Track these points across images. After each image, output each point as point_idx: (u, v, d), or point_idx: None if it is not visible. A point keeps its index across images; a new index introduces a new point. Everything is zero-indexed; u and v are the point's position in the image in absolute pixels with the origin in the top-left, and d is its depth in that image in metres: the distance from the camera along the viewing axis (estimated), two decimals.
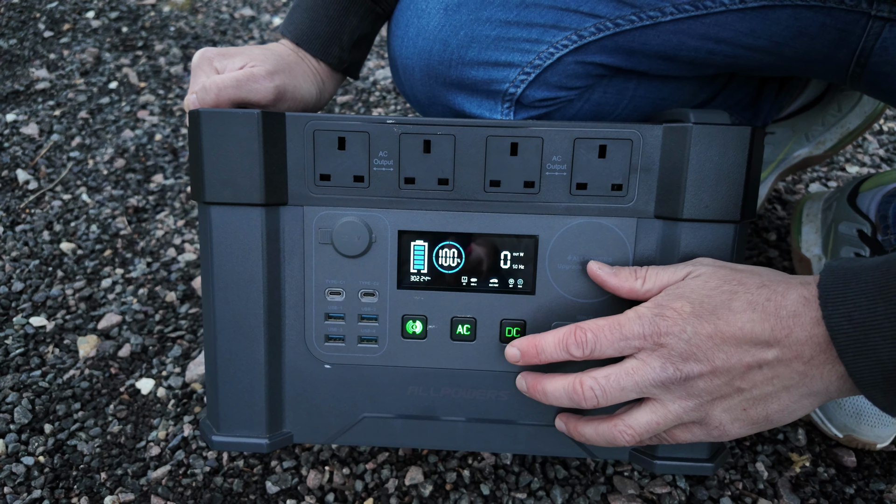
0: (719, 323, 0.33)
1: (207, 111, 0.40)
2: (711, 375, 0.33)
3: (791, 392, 0.33)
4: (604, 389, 0.36)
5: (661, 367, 0.34)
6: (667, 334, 0.34)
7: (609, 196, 0.41)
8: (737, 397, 0.34)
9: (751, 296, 0.33)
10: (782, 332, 0.32)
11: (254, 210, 0.41)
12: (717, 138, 0.39)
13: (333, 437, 0.46)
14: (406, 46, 0.49)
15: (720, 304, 0.33)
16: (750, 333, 0.32)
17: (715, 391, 0.34)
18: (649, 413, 0.36)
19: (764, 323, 0.32)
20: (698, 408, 0.35)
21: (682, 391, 0.34)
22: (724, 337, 0.33)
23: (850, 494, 0.54)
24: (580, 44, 0.48)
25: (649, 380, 0.34)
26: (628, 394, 0.35)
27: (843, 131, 0.73)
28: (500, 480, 0.55)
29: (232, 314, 0.43)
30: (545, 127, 0.40)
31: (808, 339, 0.31)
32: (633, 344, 0.35)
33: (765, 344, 0.32)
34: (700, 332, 0.33)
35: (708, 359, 0.33)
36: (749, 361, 0.32)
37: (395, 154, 0.41)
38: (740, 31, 0.47)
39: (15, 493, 0.55)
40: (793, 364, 0.32)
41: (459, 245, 0.43)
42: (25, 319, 0.72)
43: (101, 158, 0.99)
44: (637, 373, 0.35)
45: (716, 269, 0.36)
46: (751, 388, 0.33)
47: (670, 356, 0.34)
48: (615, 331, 0.35)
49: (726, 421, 0.35)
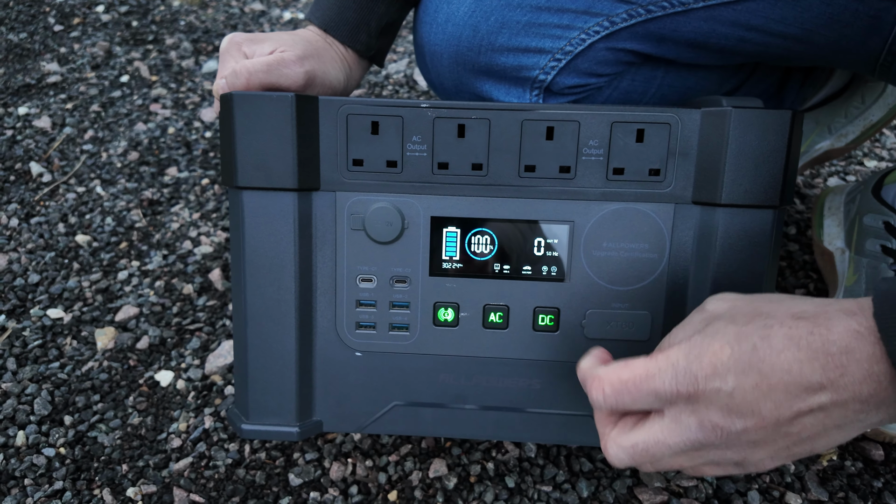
0: (763, 368, 0.28)
1: (240, 94, 0.39)
2: (756, 427, 0.29)
3: (843, 429, 0.30)
4: (632, 458, 0.32)
5: (699, 426, 0.30)
6: (704, 391, 0.29)
7: (646, 181, 0.41)
8: (783, 441, 0.30)
9: (789, 330, 0.29)
10: (835, 372, 0.28)
11: (286, 195, 0.41)
12: (757, 122, 0.38)
13: (363, 426, 0.45)
14: (434, 32, 0.49)
15: (759, 342, 0.29)
16: (798, 377, 0.28)
17: (760, 440, 0.30)
18: (683, 459, 0.32)
19: (813, 363, 0.28)
20: (738, 454, 0.31)
21: (722, 445, 0.31)
22: (770, 385, 0.28)
23: (878, 488, 0.54)
24: (612, 30, 0.48)
25: (684, 443, 0.30)
26: (660, 459, 0.31)
27: (866, 124, 0.72)
28: (524, 473, 0.55)
29: (263, 300, 0.42)
30: (582, 111, 0.40)
31: (866, 377, 0.27)
32: (664, 399, 0.31)
33: (817, 387, 0.28)
34: (743, 383, 0.29)
35: (753, 412, 0.29)
36: (800, 408, 0.28)
37: (429, 139, 0.41)
38: (771, 18, 0.47)
39: (36, 485, 0.55)
40: (849, 405, 0.28)
41: (492, 232, 0.42)
42: (43, 311, 0.72)
43: (114, 151, 0.99)
44: (669, 437, 0.30)
45: (734, 305, 0.32)
46: (799, 431, 0.30)
47: (709, 413, 0.29)
48: (641, 387, 0.30)
49: (766, 460, 0.31)
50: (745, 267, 0.40)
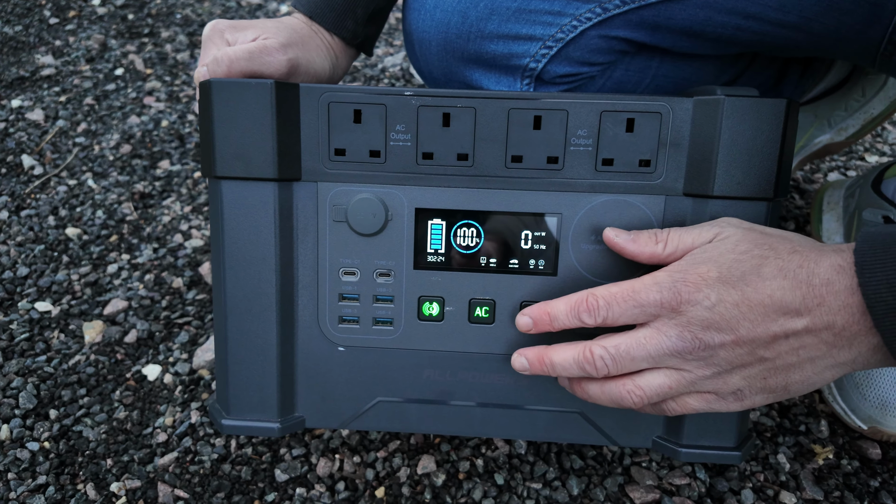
0: (747, 290, 0.31)
1: (219, 81, 0.38)
2: (734, 345, 0.31)
3: (815, 363, 0.31)
4: (614, 359, 0.33)
5: (679, 335, 0.32)
6: (687, 302, 0.31)
7: (636, 172, 0.39)
8: (758, 366, 0.32)
9: (782, 262, 0.31)
10: (814, 301, 0.30)
11: (266, 185, 0.40)
12: (751, 112, 0.37)
13: (346, 422, 0.44)
14: (423, 19, 0.48)
15: (749, 270, 0.31)
16: (780, 301, 0.30)
17: (735, 360, 0.32)
18: (662, 376, 0.33)
19: (795, 291, 0.30)
20: (715, 376, 0.33)
21: (699, 360, 0.32)
22: (750, 304, 0.30)
23: (874, 487, 0.53)
24: (604, 17, 0.46)
25: (664, 350, 0.32)
26: (640, 364, 0.33)
27: (867, 117, 0.71)
28: (514, 470, 0.54)
29: (243, 294, 0.41)
30: (570, 99, 0.39)
31: (841, 308, 0.29)
32: (649, 311, 0.33)
33: (794, 313, 0.30)
34: (725, 299, 0.31)
35: (731, 328, 0.31)
36: (776, 331, 0.30)
37: (413, 128, 0.40)
38: (769, 6, 0.46)
39: (19, 479, 0.54)
40: (822, 334, 0.30)
41: (478, 224, 0.41)
42: (31, 304, 0.71)
43: (106, 144, 0.98)
44: (650, 342, 0.32)
45: (745, 232, 0.33)
46: (774, 357, 0.31)
47: (689, 325, 0.31)
48: (629, 298, 0.33)
49: (744, 389, 0.33)
50: None
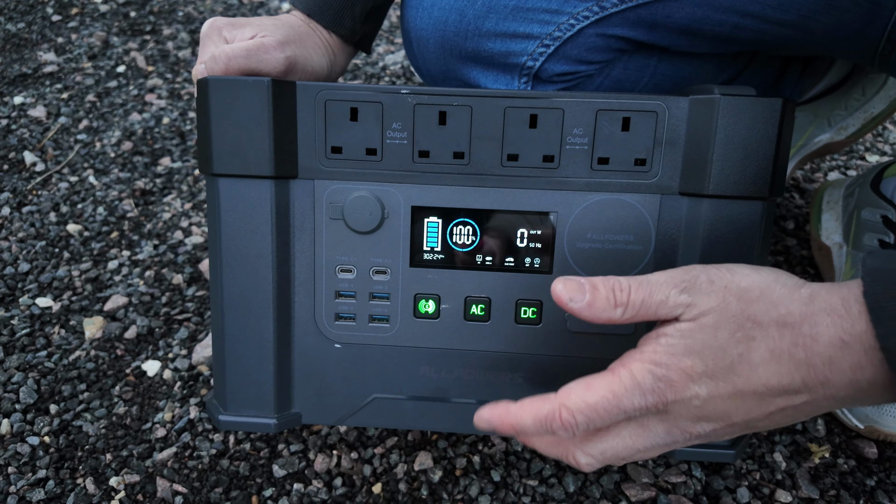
0: (738, 382, 0.28)
1: (216, 79, 0.39)
2: (725, 427, 0.30)
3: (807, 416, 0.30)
4: (601, 462, 0.32)
5: (667, 431, 0.30)
6: (674, 402, 0.29)
7: (632, 171, 0.39)
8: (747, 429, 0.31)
9: (772, 342, 0.28)
10: (816, 381, 0.27)
11: (263, 183, 0.40)
12: (746, 111, 0.37)
13: (343, 418, 0.45)
14: (420, 17, 0.48)
15: (737, 360, 0.28)
16: (777, 386, 0.28)
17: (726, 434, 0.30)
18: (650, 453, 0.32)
19: (794, 374, 0.27)
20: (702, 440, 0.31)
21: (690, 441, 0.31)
22: (744, 395, 0.28)
23: (870, 486, 0.53)
24: (602, 15, 0.46)
25: (651, 445, 0.31)
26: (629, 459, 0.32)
27: (867, 116, 0.71)
28: (510, 467, 0.54)
29: (240, 290, 0.41)
30: (566, 98, 0.39)
31: (848, 384, 0.27)
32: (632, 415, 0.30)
33: (794, 392, 0.28)
34: (715, 394, 0.28)
35: (723, 417, 0.29)
36: (772, 409, 0.29)
37: (410, 126, 0.40)
38: (767, 4, 0.46)
39: (20, 473, 0.54)
40: (820, 404, 0.28)
41: (474, 222, 0.41)
42: (31, 300, 0.72)
43: (108, 141, 0.98)
44: (638, 442, 0.30)
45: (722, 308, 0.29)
46: (767, 424, 0.30)
47: (678, 422, 0.30)
48: (612, 409, 0.29)
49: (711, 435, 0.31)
50: (732, 260, 0.39)
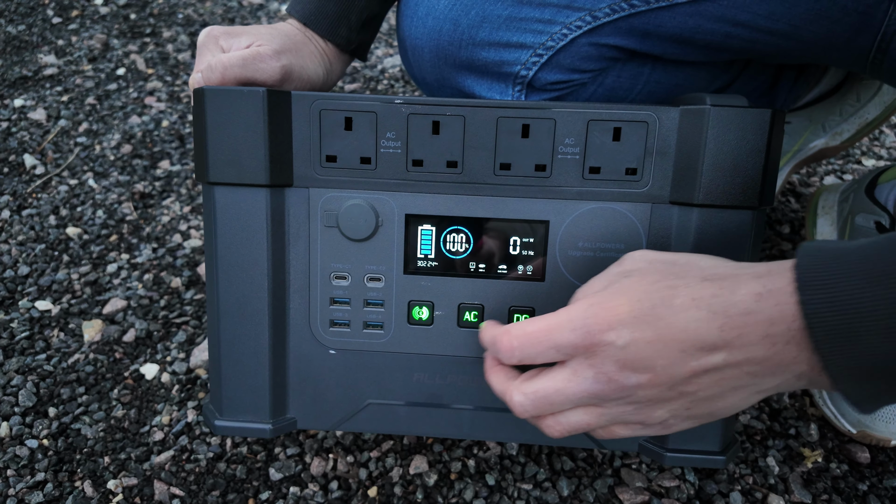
0: (660, 325, 0.29)
1: (212, 89, 0.39)
2: (651, 384, 0.30)
3: (739, 391, 0.30)
4: (534, 404, 0.33)
5: (594, 378, 0.31)
6: (600, 342, 0.30)
7: (623, 180, 0.40)
8: (680, 400, 0.31)
9: (693, 291, 0.29)
10: (732, 334, 0.28)
11: (258, 191, 0.40)
12: (736, 121, 0.38)
13: (338, 424, 0.45)
14: (415, 26, 0.48)
15: (660, 302, 0.29)
16: (695, 336, 0.28)
17: (656, 397, 0.31)
18: (583, 414, 0.33)
19: (710, 323, 0.28)
20: (638, 411, 0.32)
21: (618, 399, 0.31)
22: (665, 342, 0.29)
23: (863, 491, 0.53)
24: (594, 25, 0.47)
25: (582, 393, 0.31)
26: (560, 407, 0.32)
27: (862, 122, 0.71)
28: (505, 471, 0.55)
29: (236, 297, 0.42)
30: (558, 108, 0.39)
31: (762, 339, 0.27)
32: (564, 352, 0.31)
33: (712, 347, 0.28)
34: (638, 337, 0.29)
35: (647, 367, 0.29)
36: (694, 367, 0.29)
37: (403, 135, 0.40)
38: (758, 14, 0.46)
39: (18, 476, 0.55)
40: (743, 367, 0.29)
41: (468, 230, 0.42)
42: (31, 303, 0.72)
43: (107, 144, 0.99)
44: (568, 387, 0.31)
45: (651, 263, 0.32)
46: (696, 391, 0.30)
47: (603, 365, 0.30)
48: (544, 339, 0.31)
49: (668, 419, 0.32)
50: None
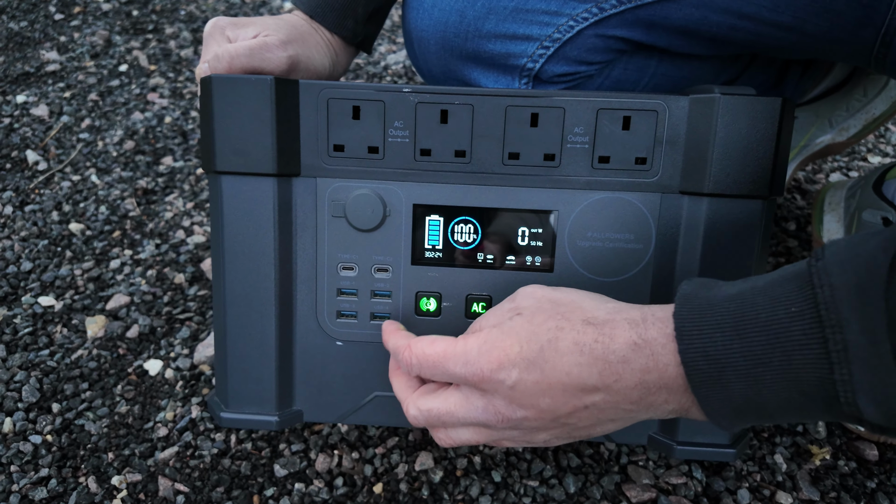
0: (546, 367, 0.31)
1: (219, 77, 0.39)
2: (536, 418, 0.32)
3: (616, 422, 0.33)
4: (427, 420, 0.35)
5: (484, 408, 0.33)
6: (489, 380, 0.32)
7: (632, 170, 0.40)
8: (561, 428, 0.34)
9: (577, 335, 0.31)
10: (610, 378, 0.30)
11: (265, 181, 0.40)
12: (746, 110, 0.37)
13: (344, 416, 0.45)
14: (421, 18, 0.48)
15: (546, 345, 0.31)
16: (577, 379, 0.31)
17: (539, 426, 0.33)
18: (472, 432, 0.35)
19: (591, 368, 0.30)
20: (522, 435, 0.34)
21: (505, 427, 0.34)
22: (550, 384, 0.31)
23: (871, 488, 0.53)
24: (601, 17, 0.46)
25: (471, 418, 0.34)
26: (450, 425, 0.35)
27: (868, 117, 0.71)
28: (511, 467, 0.54)
29: (242, 288, 0.42)
30: (567, 97, 0.39)
31: (637, 385, 0.30)
32: (457, 380, 0.34)
33: (591, 389, 0.31)
34: (525, 378, 0.31)
35: (532, 405, 0.32)
36: (575, 404, 0.32)
37: (411, 124, 0.40)
38: (763, 6, 0.46)
39: (22, 472, 0.55)
40: (620, 405, 0.31)
41: (476, 220, 0.42)
42: (34, 299, 0.72)
43: (110, 140, 0.98)
44: (459, 411, 0.34)
45: (539, 301, 0.34)
46: (576, 422, 0.33)
47: (493, 400, 0.33)
48: (438, 365, 0.34)
49: (550, 440, 0.35)
50: (732, 259, 0.39)
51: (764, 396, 0.27)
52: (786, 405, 0.27)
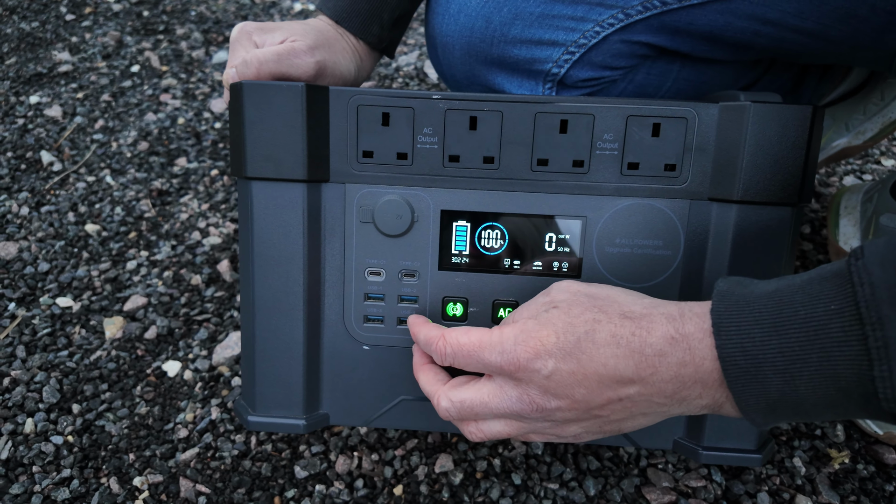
0: (582, 358, 0.31)
1: (251, 83, 0.39)
2: (569, 408, 0.32)
3: (648, 416, 0.33)
4: (459, 412, 0.35)
5: (518, 398, 0.33)
6: (525, 369, 0.32)
7: (661, 176, 0.40)
8: (593, 421, 0.34)
9: (614, 327, 0.31)
10: (646, 371, 0.30)
11: (296, 186, 0.40)
12: (776, 118, 0.37)
13: (370, 420, 0.45)
14: (447, 23, 0.48)
15: (583, 336, 0.32)
16: (613, 371, 0.31)
17: (572, 417, 0.33)
18: (503, 425, 0.35)
19: (628, 360, 0.31)
20: (553, 427, 0.34)
21: (537, 418, 0.34)
22: (586, 374, 0.31)
23: (889, 492, 0.53)
24: (626, 22, 0.47)
25: (504, 409, 0.34)
26: (482, 417, 0.35)
27: (885, 121, 0.71)
28: (531, 470, 0.54)
29: (271, 292, 0.42)
30: (596, 104, 0.39)
31: (672, 378, 0.30)
32: (491, 370, 0.34)
33: (627, 381, 0.31)
34: (561, 368, 0.31)
35: (567, 395, 0.32)
36: (609, 396, 0.32)
37: (440, 131, 0.40)
38: (787, 12, 0.46)
39: (44, 472, 0.55)
40: (653, 398, 0.31)
41: (503, 226, 0.42)
42: (52, 300, 0.72)
43: (124, 141, 0.99)
44: (493, 401, 0.34)
45: (574, 295, 0.34)
46: (608, 415, 0.33)
47: (527, 390, 0.33)
48: (473, 354, 0.34)
49: (580, 433, 0.35)
50: (761, 266, 0.39)
51: (801, 393, 0.27)
52: (822, 402, 0.27)
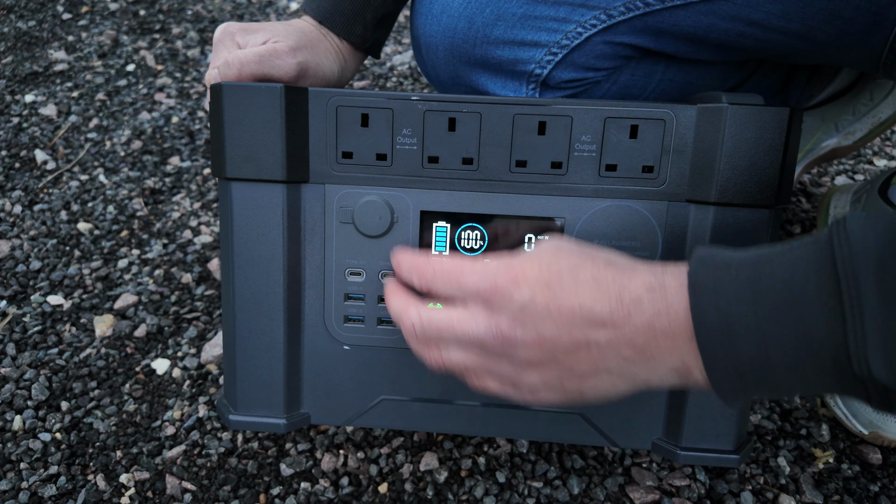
0: (560, 292, 0.31)
1: (230, 84, 0.39)
2: (535, 345, 0.31)
3: (611, 374, 0.32)
4: (424, 330, 0.34)
5: (486, 325, 0.32)
6: (501, 294, 0.32)
7: (639, 178, 0.40)
8: (555, 370, 0.32)
9: (598, 271, 0.31)
10: (620, 315, 0.30)
11: (275, 187, 0.41)
12: (754, 120, 0.37)
13: (351, 419, 0.45)
14: (430, 24, 0.48)
15: (565, 271, 0.31)
16: (589, 311, 0.30)
17: (535, 360, 0.32)
18: (464, 355, 0.34)
19: (604, 302, 0.30)
20: (513, 370, 0.33)
21: (500, 354, 0.33)
22: (560, 308, 0.31)
23: (874, 492, 0.53)
24: (609, 23, 0.47)
25: (470, 335, 0.33)
26: (446, 341, 0.34)
27: (874, 122, 0.71)
28: (515, 468, 0.55)
29: (251, 293, 0.42)
30: (574, 105, 0.39)
31: (645, 327, 0.29)
32: (467, 294, 0.33)
33: (600, 324, 0.30)
34: (537, 299, 0.31)
35: (536, 329, 0.31)
36: (578, 338, 0.31)
37: (419, 132, 0.40)
38: (772, 13, 0.46)
39: (31, 469, 0.55)
40: (622, 349, 0.30)
41: (483, 227, 0.42)
42: (43, 298, 0.73)
43: (118, 140, 0.99)
44: (460, 325, 0.33)
45: (563, 242, 0.34)
46: (572, 364, 0.32)
47: (499, 316, 0.32)
48: (453, 278, 0.34)
49: (539, 387, 0.33)
50: None
51: (771, 358, 0.27)
52: (793, 369, 0.26)
